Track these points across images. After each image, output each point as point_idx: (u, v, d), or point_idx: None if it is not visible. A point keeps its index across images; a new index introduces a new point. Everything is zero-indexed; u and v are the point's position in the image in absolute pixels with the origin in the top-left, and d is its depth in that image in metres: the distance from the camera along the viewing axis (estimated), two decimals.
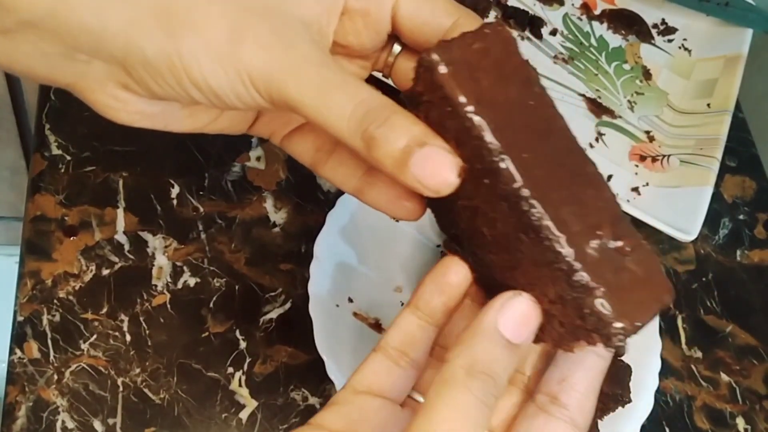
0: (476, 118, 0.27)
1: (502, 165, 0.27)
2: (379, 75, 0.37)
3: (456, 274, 0.32)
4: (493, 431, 0.31)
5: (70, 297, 0.52)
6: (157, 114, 0.32)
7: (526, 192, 0.27)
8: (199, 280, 0.54)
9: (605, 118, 0.69)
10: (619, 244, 0.28)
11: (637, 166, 0.67)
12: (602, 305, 0.27)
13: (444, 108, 0.28)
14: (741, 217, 0.68)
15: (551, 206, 0.27)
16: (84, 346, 0.50)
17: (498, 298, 0.29)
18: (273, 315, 0.54)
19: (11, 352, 0.49)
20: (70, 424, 0.48)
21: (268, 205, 0.58)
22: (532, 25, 0.72)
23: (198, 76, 0.28)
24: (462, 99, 0.27)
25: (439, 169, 0.28)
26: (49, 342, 0.50)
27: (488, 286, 0.31)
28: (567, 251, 0.27)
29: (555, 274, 0.27)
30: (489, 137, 0.27)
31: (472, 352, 0.28)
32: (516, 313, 0.28)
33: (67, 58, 0.29)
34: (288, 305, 0.54)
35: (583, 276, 0.27)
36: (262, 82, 0.28)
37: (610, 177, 0.65)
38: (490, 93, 0.28)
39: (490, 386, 0.27)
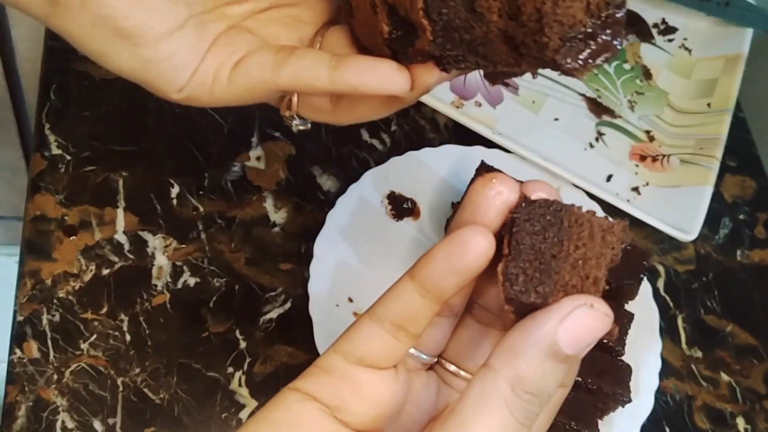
0: None
1: None
2: None
3: (476, 254, 0.26)
4: (460, 365, 0.30)
5: (70, 297, 0.52)
6: None
7: None
8: (199, 280, 0.54)
9: (605, 117, 0.69)
10: None
11: (637, 165, 0.67)
12: None
13: None
14: (741, 216, 0.68)
15: None
16: (84, 346, 0.50)
17: (560, 306, 0.25)
18: (273, 315, 0.54)
19: (11, 351, 0.49)
20: (70, 424, 0.48)
21: (268, 204, 0.58)
22: None
23: None
24: None
25: None
26: (49, 342, 0.50)
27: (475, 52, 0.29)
28: None
29: None
30: None
31: (521, 365, 0.24)
32: (580, 326, 0.24)
33: None
34: (288, 305, 0.54)
35: None
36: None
37: (610, 177, 0.65)
38: None
39: (534, 406, 0.25)
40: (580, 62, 0.28)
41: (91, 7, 0.29)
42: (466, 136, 0.61)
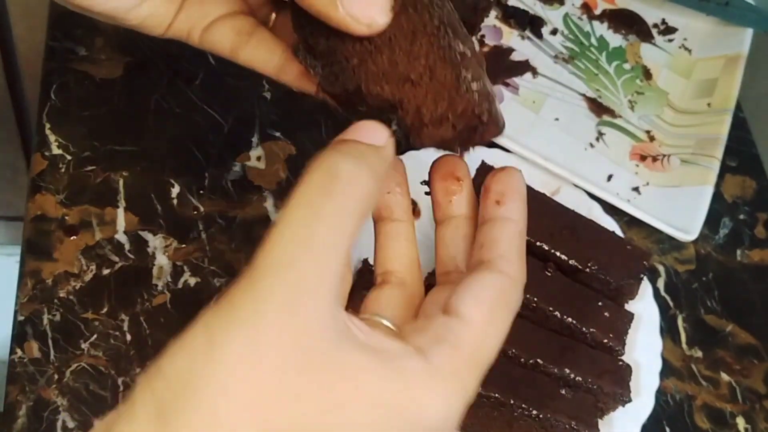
0: None
1: None
2: None
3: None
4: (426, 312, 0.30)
5: (71, 296, 0.52)
6: None
7: None
8: (199, 279, 0.54)
9: (605, 117, 0.69)
10: (480, 53, 0.31)
11: (637, 165, 0.67)
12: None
13: None
14: (741, 216, 0.68)
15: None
16: (84, 346, 0.50)
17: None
18: None
19: (12, 351, 0.49)
20: (71, 424, 0.48)
21: (269, 204, 0.58)
22: (533, 24, 0.72)
23: None
24: None
25: (372, 2, 0.28)
26: (50, 341, 0.50)
27: (338, 92, 0.32)
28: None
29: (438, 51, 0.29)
30: None
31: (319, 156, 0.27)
32: (356, 125, 0.28)
33: None
34: None
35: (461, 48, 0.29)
36: None
37: (610, 177, 0.65)
38: None
39: (336, 162, 0.25)
40: (462, 149, 0.31)
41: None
42: None
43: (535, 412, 0.47)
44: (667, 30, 0.77)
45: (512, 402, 0.46)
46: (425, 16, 0.29)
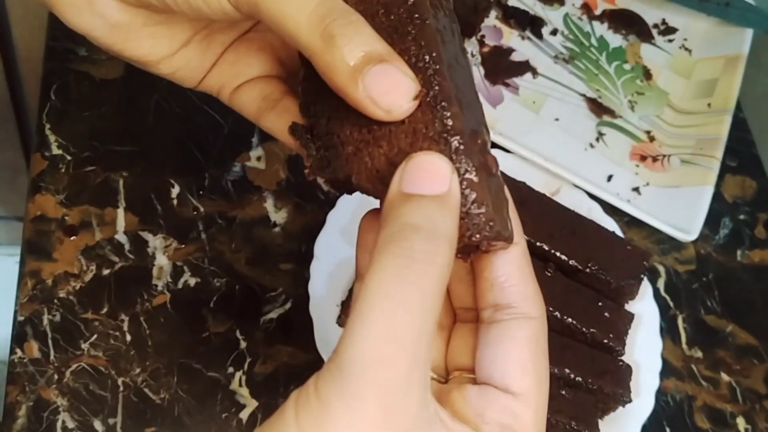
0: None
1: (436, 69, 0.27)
2: None
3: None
4: (460, 367, 0.30)
5: (71, 297, 0.52)
6: (120, 26, 0.32)
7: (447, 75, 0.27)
8: (199, 280, 0.54)
9: (606, 118, 0.69)
10: (490, 159, 0.28)
11: (637, 165, 0.67)
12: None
13: None
14: (741, 217, 0.68)
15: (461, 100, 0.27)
16: (84, 346, 0.50)
17: (397, 172, 0.26)
18: (273, 315, 0.54)
19: (12, 351, 0.49)
20: (71, 424, 0.48)
21: (269, 204, 0.58)
22: (533, 25, 0.72)
23: None
24: None
25: (395, 88, 0.26)
26: (50, 342, 0.50)
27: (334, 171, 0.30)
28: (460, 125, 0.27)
29: (433, 143, 0.27)
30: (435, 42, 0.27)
31: (384, 227, 0.25)
32: (415, 165, 0.25)
33: None
34: (288, 305, 0.54)
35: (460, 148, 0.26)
36: None
37: (610, 177, 0.65)
38: None
39: (413, 241, 0.24)
40: (464, 257, 0.29)
41: (94, 28, 0.33)
42: None
43: None
44: (667, 30, 0.77)
45: None
46: (428, 116, 0.26)
